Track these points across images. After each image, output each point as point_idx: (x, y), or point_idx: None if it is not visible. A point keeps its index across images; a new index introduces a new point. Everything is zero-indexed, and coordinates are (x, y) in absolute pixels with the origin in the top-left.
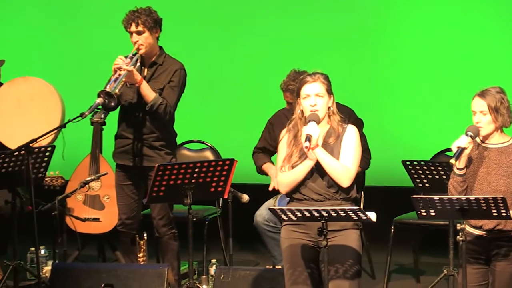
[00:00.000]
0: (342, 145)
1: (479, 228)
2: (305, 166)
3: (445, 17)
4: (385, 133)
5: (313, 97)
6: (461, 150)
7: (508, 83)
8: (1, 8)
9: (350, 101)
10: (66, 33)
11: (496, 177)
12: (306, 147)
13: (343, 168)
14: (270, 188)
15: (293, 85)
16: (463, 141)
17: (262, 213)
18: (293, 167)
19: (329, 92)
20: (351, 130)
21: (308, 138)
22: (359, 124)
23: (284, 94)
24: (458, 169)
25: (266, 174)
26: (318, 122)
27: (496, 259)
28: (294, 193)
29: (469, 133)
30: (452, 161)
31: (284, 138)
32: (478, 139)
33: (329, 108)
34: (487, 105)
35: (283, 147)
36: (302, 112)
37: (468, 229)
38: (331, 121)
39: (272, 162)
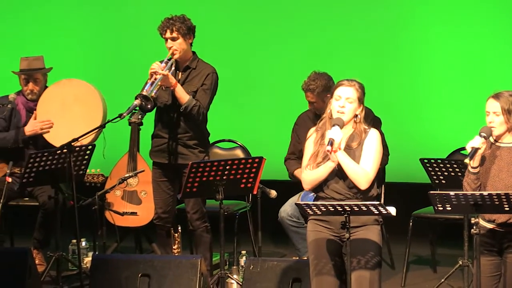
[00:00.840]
0: (363, 149)
1: (493, 222)
2: (327, 167)
3: (463, 22)
4: (404, 133)
5: (344, 100)
6: (475, 150)
7: None
8: (47, 14)
9: (370, 100)
10: (108, 39)
11: (507, 174)
12: (328, 151)
13: (362, 172)
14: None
15: (313, 85)
16: (477, 141)
17: (286, 209)
18: (317, 166)
19: (360, 101)
20: (373, 135)
21: (331, 142)
22: (377, 122)
23: (306, 94)
24: (472, 167)
25: (299, 179)
26: (342, 126)
27: (508, 251)
28: (318, 191)
29: (483, 134)
30: (466, 160)
31: (312, 136)
32: (491, 139)
33: (356, 115)
34: (500, 106)
35: (310, 145)
36: (331, 112)
37: (482, 223)
38: (356, 126)
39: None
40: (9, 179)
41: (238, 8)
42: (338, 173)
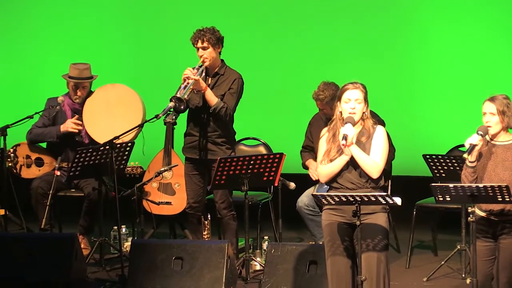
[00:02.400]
0: (372, 143)
1: (489, 211)
2: (342, 161)
3: (462, 28)
4: (409, 132)
5: (353, 101)
6: (472, 147)
7: None
8: (94, 23)
9: (378, 103)
10: (146, 48)
11: (502, 169)
12: (343, 145)
13: (373, 163)
14: (314, 179)
15: (322, 95)
16: (475, 139)
17: (303, 200)
18: (331, 160)
19: (366, 100)
20: (380, 131)
21: (345, 137)
22: (381, 124)
23: (316, 102)
24: (470, 162)
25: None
26: (354, 124)
27: (501, 238)
28: (332, 182)
29: (480, 132)
30: (465, 155)
31: (325, 136)
32: (487, 137)
33: (363, 113)
34: (496, 108)
35: (323, 143)
36: (341, 113)
37: (478, 212)
38: (364, 123)
39: (314, 159)
40: (58, 173)
41: (262, 22)
42: (351, 164)
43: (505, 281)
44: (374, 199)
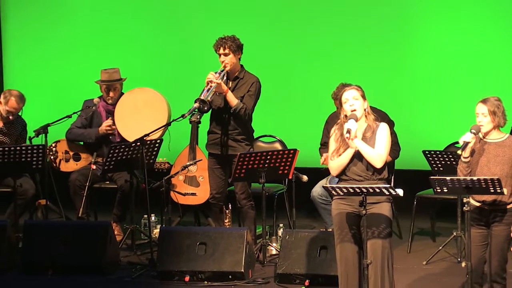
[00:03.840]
0: (376, 138)
1: (482, 201)
2: (348, 153)
3: (461, 31)
4: (410, 130)
5: (351, 99)
6: (466, 144)
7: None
8: (122, 31)
9: (384, 104)
10: (171, 53)
11: (494, 164)
12: (347, 138)
13: (376, 154)
14: (321, 161)
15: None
16: (468, 136)
17: (316, 190)
18: (339, 156)
19: (363, 97)
20: (383, 126)
21: (348, 131)
22: (391, 124)
23: (334, 102)
24: (464, 157)
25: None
26: (357, 120)
27: (493, 225)
28: (341, 175)
29: (473, 130)
30: (459, 152)
31: (333, 135)
32: (480, 135)
33: (364, 109)
34: (487, 109)
35: (332, 142)
36: (345, 116)
37: (472, 202)
38: (367, 119)
39: None
40: (94, 166)
41: (279, 30)
42: (357, 158)
43: (497, 264)
44: (379, 191)
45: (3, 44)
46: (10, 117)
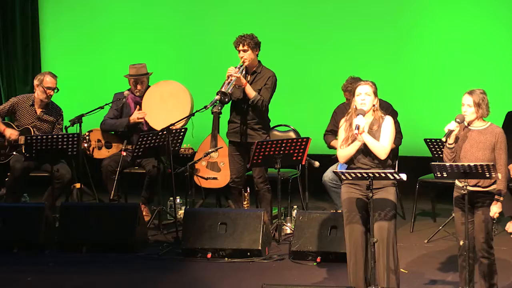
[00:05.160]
0: (381, 131)
1: (465, 185)
2: (355, 146)
3: (461, 24)
4: (413, 120)
5: (363, 94)
6: (450, 132)
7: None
8: (149, 29)
9: (388, 95)
10: (194, 48)
11: (477, 149)
12: (356, 133)
13: (381, 146)
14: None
15: (350, 87)
16: (452, 125)
17: (328, 174)
18: (348, 145)
19: (375, 94)
20: (388, 120)
21: (357, 127)
22: (395, 114)
23: (344, 93)
24: (448, 144)
25: (334, 148)
26: (364, 114)
27: (476, 207)
28: (349, 163)
29: (457, 119)
30: (443, 139)
31: (343, 125)
32: (465, 123)
33: (373, 105)
34: (472, 100)
35: (342, 132)
36: (355, 107)
37: (458, 184)
38: (375, 114)
39: (337, 139)
40: (124, 153)
41: (294, 29)
42: (364, 150)
43: (483, 241)
44: (384, 175)
45: (42, 42)
46: (51, 93)
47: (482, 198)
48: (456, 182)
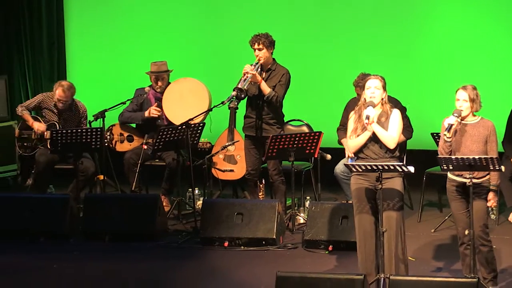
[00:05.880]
0: (389, 122)
1: (461, 176)
2: (365, 136)
3: (469, 19)
4: (421, 115)
5: (373, 88)
6: (450, 126)
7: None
8: (169, 28)
9: (398, 92)
10: (213, 47)
11: (471, 142)
12: (366, 123)
13: (389, 136)
14: (347, 155)
15: (361, 83)
16: (452, 119)
17: (339, 167)
18: (357, 136)
19: (384, 88)
20: (396, 112)
21: (367, 117)
22: (403, 110)
23: (355, 89)
24: (447, 137)
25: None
26: (374, 106)
27: (474, 198)
28: (359, 153)
29: (455, 114)
30: (445, 133)
31: (352, 117)
32: (459, 119)
33: (382, 99)
34: (468, 95)
35: (351, 123)
36: (365, 100)
37: (452, 177)
38: (383, 107)
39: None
40: (145, 147)
41: (307, 28)
42: (373, 140)
43: (480, 230)
44: (393, 168)
45: (66, 40)
46: (60, 105)
47: (477, 189)
48: (449, 175)
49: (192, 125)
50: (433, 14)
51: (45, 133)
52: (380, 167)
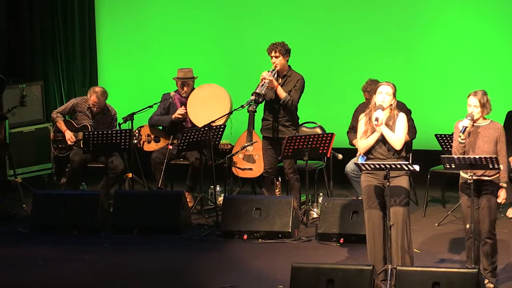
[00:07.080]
0: (396, 125)
1: (473, 174)
2: (374, 137)
3: (473, 23)
4: (425, 117)
5: (384, 93)
6: (465, 128)
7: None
8: (195, 37)
9: (404, 96)
10: (235, 54)
11: (483, 143)
12: (375, 125)
13: (396, 138)
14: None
15: (369, 88)
16: (466, 122)
17: (350, 165)
18: (367, 137)
19: (394, 95)
20: (402, 116)
21: (376, 119)
22: (408, 112)
23: (364, 93)
24: (461, 139)
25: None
26: (383, 109)
27: (482, 194)
28: (368, 154)
29: (468, 117)
30: (461, 134)
31: (363, 119)
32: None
33: (391, 104)
34: (478, 101)
35: (362, 125)
36: (375, 103)
37: (463, 175)
38: (391, 112)
39: None
40: (170, 147)
41: (320, 36)
42: (381, 141)
43: (488, 224)
44: (400, 166)
45: (98, 47)
46: (95, 109)
47: (487, 186)
48: (461, 173)
49: (214, 127)
50: (437, 22)
51: (78, 134)
52: (387, 166)
